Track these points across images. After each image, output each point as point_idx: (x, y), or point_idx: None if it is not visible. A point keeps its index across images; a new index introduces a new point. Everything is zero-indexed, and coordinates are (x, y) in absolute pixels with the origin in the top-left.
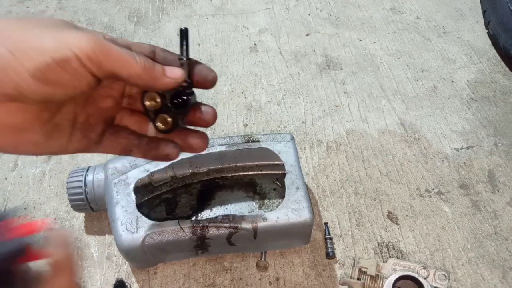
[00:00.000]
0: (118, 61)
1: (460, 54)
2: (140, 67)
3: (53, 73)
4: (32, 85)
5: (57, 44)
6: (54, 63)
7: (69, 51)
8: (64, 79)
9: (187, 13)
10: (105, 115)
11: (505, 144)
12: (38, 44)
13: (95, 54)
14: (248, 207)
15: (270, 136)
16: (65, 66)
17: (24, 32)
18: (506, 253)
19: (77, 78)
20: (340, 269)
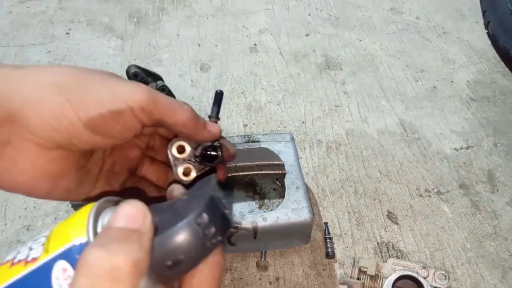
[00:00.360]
0: (167, 109)
1: (460, 54)
2: (187, 116)
3: (106, 124)
4: (83, 134)
5: (112, 96)
6: (109, 114)
7: (124, 103)
8: (115, 130)
9: (187, 14)
10: (130, 164)
11: (505, 144)
12: (95, 95)
13: (147, 105)
14: (248, 207)
15: (270, 136)
16: (118, 118)
17: (82, 83)
18: (506, 253)
19: (127, 129)
20: (340, 268)
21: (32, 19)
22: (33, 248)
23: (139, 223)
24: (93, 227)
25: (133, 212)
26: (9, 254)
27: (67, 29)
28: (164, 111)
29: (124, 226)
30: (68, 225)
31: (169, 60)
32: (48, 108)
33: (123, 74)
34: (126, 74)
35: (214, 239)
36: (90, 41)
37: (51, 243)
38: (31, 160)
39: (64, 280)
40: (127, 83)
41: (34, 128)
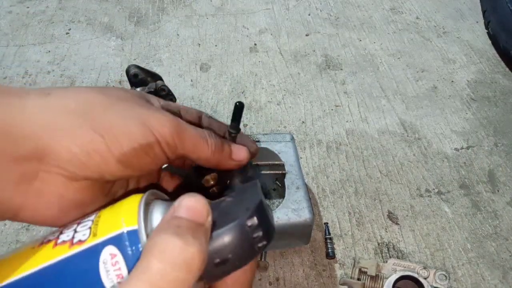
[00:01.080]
0: (192, 145)
1: (460, 54)
2: (211, 151)
3: (138, 158)
4: (115, 169)
5: (143, 129)
6: (140, 148)
7: (153, 137)
8: (145, 163)
9: (187, 13)
10: (152, 179)
11: (505, 144)
12: (126, 129)
13: (173, 139)
14: None
15: (270, 136)
16: (148, 152)
17: (110, 112)
18: (507, 253)
19: (155, 162)
20: (340, 269)
21: (31, 19)
22: (78, 231)
23: (204, 218)
24: (143, 217)
25: (198, 207)
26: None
27: (67, 29)
28: (188, 147)
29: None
30: (117, 212)
31: (169, 60)
32: (80, 143)
33: (123, 74)
34: (126, 74)
35: (260, 243)
36: (90, 41)
37: (99, 228)
38: (59, 193)
39: (112, 266)
40: (155, 112)
41: (64, 164)
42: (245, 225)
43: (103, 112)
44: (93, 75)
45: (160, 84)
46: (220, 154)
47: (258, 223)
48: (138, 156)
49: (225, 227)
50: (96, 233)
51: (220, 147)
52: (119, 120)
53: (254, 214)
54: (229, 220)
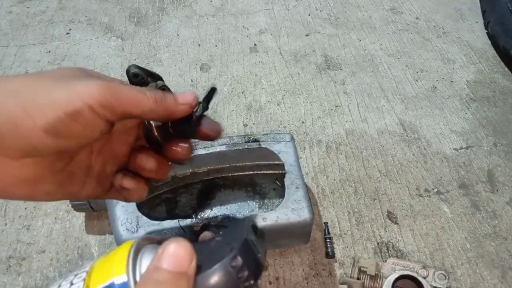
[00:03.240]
0: (130, 101)
1: (460, 54)
2: (152, 101)
3: (65, 126)
4: (45, 139)
5: (68, 96)
6: (66, 116)
7: (81, 102)
8: (77, 130)
9: (187, 14)
10: (119, 162)
11: (505, 144)
12: (49, 98)
13: (106, 100)
14: (248, 207)
15: (270, 136)
16: (77, 118)
17: (35, 87)
18: (506, 252)
19: (90, 127)
20: (340, 268)
21: (32, 19)
22: (74, 283)
23: (186, 266)
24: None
25: (181, 254)
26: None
27: (67, 29)
28: (126, 103)
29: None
30: (109, 262)
31: (169, 60)
32: (5, 118)
33: (123, 74)
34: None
35: (247, 282)
36: (90, 41)
37: (92, 279)
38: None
39: None
40: (84, 80)
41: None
42: (228, 266)
43: (30, 88)
44: None
45: (160, 84)
46: (164, 102)
47: (243, 263)
48: (65, 124)
49: (210, 269)
50: (89, 285)
51: (162, 97)
52: (43, 90)
53: (238, 254)
54: (214, 262)
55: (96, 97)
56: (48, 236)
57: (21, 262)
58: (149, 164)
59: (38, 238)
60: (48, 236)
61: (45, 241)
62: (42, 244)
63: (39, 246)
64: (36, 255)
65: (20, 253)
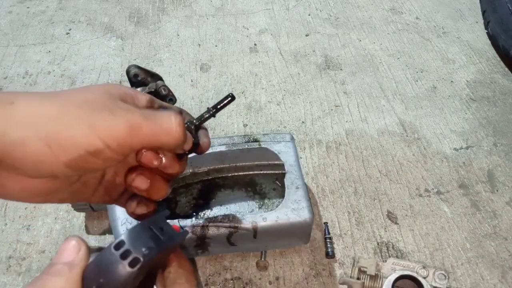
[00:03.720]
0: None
1: (460, 54)
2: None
3: (86, 163)
4: (65, 171)
5: (89, 135)
6: (87, 154)
7: (100, 142)
8: (97, 164)
9: (187, 14)
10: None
11: (505, 144)
12: (72, 138)
13: (125, 140)
14: (248, 207)
15: (270, 136)
16: (97, 155)
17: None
18: (506, 252)
19: (108, 161)
20: (340, 268)
21: (32, 19)
22: None
23: (71, 256)
24: None
25: (67, 247)
26: None
27: (67, 29)
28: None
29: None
30: None
31: (169, 60)
32: (31, 153)
33: (123, 74)
34: (126, 74)
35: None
36: (90, 41)
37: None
38: (20, 187)
39: None
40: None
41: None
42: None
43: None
44: (93, 75)
45: (161, 84)
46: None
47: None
48: (85, 160)
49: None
50: None
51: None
52: (67, 128)
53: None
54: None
55: (115, 139)
56: (48, 236)
57: (21, 262)
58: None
59: (38, 238)
60: (48, 236)
61: (45, 241)
62: (42, 244)
63: (39, 246)
64: (36, 255)
65: (20, 253)
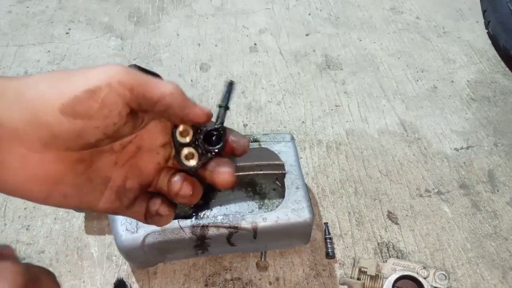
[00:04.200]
0: (150, 83)
1: (460, 54)
2: (172, 86)
3: (82, 104)
4: (62, 121)
5: (86, 76)
6: (83, 93)
7: (99, 80)
8: (94, 108)
9: (187, 13)
10: (142, 180)
11: (505, 144)
12: (69, 81)
13: (127, 78)
14: (248, 207)
15: (270, 136)
16: (94, 96)
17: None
18: (506, 253)
19: (108, 106)
20: (340, 269)
21: (31, 19)
22: None
23: None
24: None
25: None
26: None
27: (67, 28)
28: (147, 84)
29: None
30: None
31: (169, 60)
32: (26, 101)
33: None
34: None
35: None
36: (90, 40)
37: None
38: (21, 161)
39: None
40: (102, 66)
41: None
42: None
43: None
44: None
45: None
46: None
47: None
48: (82, 102)
49: None
50: None
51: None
52: (64, 78)
53: None
54: None
55: (115, 75)
56: (47, 237)
57: None
58: (184, 190)
59: (37, 239)
60: (48, 236)
61: (45, 241)
62: (41, 245)
63: (39, 246)
64: (36, 255)
65: (20, 254)
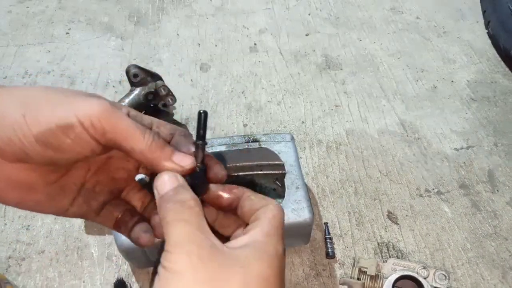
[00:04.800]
0: (123, 133)
1: (460, 54)
2: (146, 144)
3: (55, 138)
4: (36, 147)
5: (65, 111)
6: (57, 128)
7: (74, 117)
8: (66, 144)
9: (187, 13)
10: (113, 186)
11: (505, 144)
12: (49, 110)
13: (99, 121)
14: None
15: (270, 136)
16: (68, 132)
17: (41, 100)
18: (506, 253)
19: (80, 144)
20: (340, 269)
21: (31, 19)
22: None
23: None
24: None
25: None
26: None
27: (67, 28)
28: (119, 134)
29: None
30: None
31: (169, 60)
32: (7, 121)
33: (123, 74)
34: (126, 74)
35: None
36: (90, 41)
37: None
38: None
39: None
40: (90, 98)
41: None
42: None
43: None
44: (93, 75)
45: (160, 84)
46: (158, 151)
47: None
48: (55, 136)
49: None
50: None
51: (160, 145)
52: (47, 103)
53: None
54: None
55: (89, 116)
56: (47, 236)
57: (20, 263)
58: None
59: (37, 238)
60: (48, 236)
61: (45, 241)
62: (41, 244)
63: (39, 246)
64: (36, 255)
65: (20, 253)
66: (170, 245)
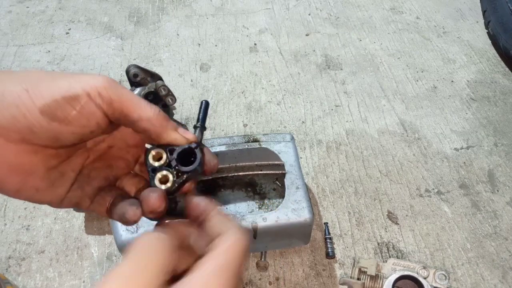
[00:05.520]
0: (130, 102)
1: (460, 54)
2: (153, 113)
3: (61, 109)
4: (41, 120)
5: (69, 83)
6: (63, 99)
7: (80, 88)
8: (72, 116)
9: (187, 13)
10: (109, 173)
11: (505, 144)
12: (53, 85)
13: (106, 92)
14: (248, 207)
15: (270, 136)
16: (73, 103)
17: (44, 76)
18: (506, 253)
19: (86, 116)
20: (340, 269)
21: (31, 19)
22: None
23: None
24: None
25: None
26: None
27: (67, 28)
28: (127, 102)
29: None
30: None
31: (169, 60)
32: (9, 98)
33: (123, 74)
34: (126, 74)
35: None
36: (90, 40)
37: None
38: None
39: None
40: (94, 74)
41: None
42: None
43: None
44: None
45: (160, 84)
46: (163, 121)
47: None
48: (61, 107)
49: None
50: None
51: (166, 117)
52: (49, 79)
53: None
54: None
55: (96, 86)
56: (47, 237)
57: (20, 263)
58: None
59: (37, 239)
60: (48, 236)
61: (45, 241)
62: (41, 244)
63: (39, 246)
64: (36, 256)
65: (20, 253)
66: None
